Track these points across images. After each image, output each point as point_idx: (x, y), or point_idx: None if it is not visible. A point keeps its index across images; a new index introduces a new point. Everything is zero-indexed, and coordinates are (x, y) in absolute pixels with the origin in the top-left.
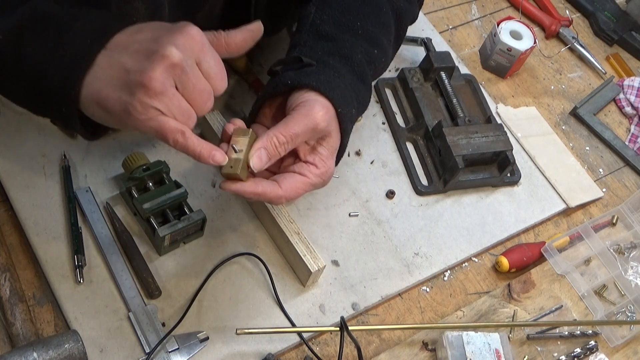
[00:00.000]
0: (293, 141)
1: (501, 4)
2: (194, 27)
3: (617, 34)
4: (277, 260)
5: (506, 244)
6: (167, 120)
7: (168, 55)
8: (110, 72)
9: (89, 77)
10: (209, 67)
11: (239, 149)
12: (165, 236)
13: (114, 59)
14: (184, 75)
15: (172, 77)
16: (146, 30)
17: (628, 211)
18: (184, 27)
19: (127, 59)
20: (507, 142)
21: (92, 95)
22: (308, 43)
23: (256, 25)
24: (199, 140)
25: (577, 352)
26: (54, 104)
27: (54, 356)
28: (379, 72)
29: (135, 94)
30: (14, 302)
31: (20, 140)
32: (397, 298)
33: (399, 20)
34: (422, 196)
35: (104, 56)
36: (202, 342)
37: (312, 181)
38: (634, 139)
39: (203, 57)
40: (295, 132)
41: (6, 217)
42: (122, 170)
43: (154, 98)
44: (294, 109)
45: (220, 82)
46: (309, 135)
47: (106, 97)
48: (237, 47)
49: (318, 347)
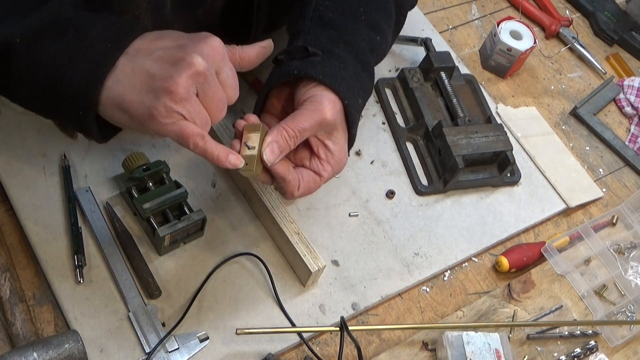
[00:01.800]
0: (302, 135)
1: (501, 4)
2: (216, 38)
3: (617, 34)
4: (277, 260)
5: (506, 244)
6: (188, 125)
7: (194, 63)
8: (134, 77)
9: (110, 80)
10: (226, 77)
11: (251, 146)
12: (165, 236)
13: (137, 64)
14: (206, 84)
15: (195, 84)
16: (167, 38)
17: (628, 211)
18: (207, 38)
19: (152, 65)
20: (507, 142)
21: (113, 98)
22: (312, 31)
23: (267, 42)
24: (217, 144)
25: (577, 352)
26: (70, 107)
27: (54, 356)
28: (379, 58)
29: (160, 99)
30: (14, 302)
31: (20, 140)
32: (397, 298)
33: (399, 6)
34: (422, 196)
35: (125, 60)
36: (202, 342)
37: (326, 178)
38: (634, 139)
39: (222, 67)
40: (304, 126)
41: (6, 217)
42: (122, 170)
43: (178, 103)
44: (302, 104)
45: (234, 92)
46: (317, 128)
47: (130, 100)
48: (249, 62)
49: (318, 347)
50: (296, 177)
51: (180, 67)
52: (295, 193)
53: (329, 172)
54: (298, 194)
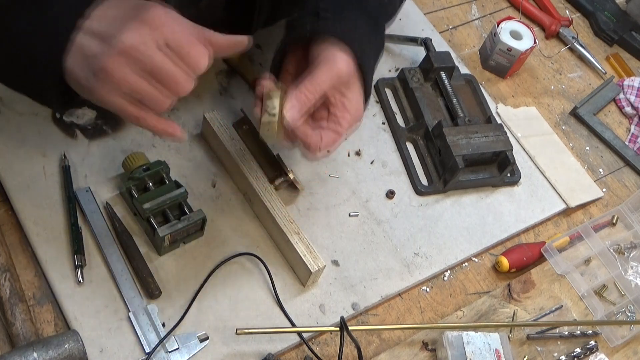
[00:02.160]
0: (320, 92)
1: (501, 4)
2: (158, 7)
3: (617, 34)
4: (277, 260)
5: (506, 244)
6: (125, 104)
7: (123, 41)
8: (78, 53)
9: (68, 54)
10: (179, 47)
11: (272, 112)
12: (165, 236)
13: (83, 40)
14: (145, 59)
15: (129, 62)
16: (115, 8)
17: (628, 211)
18: (149, 9)
19: (91, 43)
20: (507, 142)
21: (67, 70)
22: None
23: (244, 38)
24: (158, 120)
25: (577, 352)
26: (38, 75)
27: (54, 356)
28: (388, 18)
29: (98, 78)
30: (14, 302)
31: (20, 140)
32: (397, 298)
33: None
34: (422, 196)
35: (77, 35)
36: (202, 342)
37: (344, 134)
38: (634, 139)
39: (171, 36)
40: (321, 82)
41: (6, 217)
42: (122, 170)
43: (112, 83)
44: (318, 61)
45: (195, 60)
46: (334, 82)
47: (77, 76)
48: (219, 48)
49: (318, 347)
50: (317, 136)
51: (111, 45)
52: (317, 152)
53: (346, 127)
54: (320, 153)
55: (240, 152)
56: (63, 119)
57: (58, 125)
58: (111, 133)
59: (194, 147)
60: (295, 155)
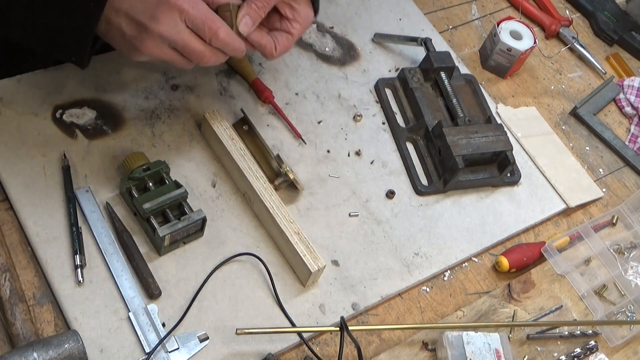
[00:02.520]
0: (269, 6)
1: (501, 4)
2: None
3: (617, 34)
4: (277, 260)
5: (506, 244)
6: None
7: (159, 29)
8: (115, 30)
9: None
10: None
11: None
12: (165, 236)
13: (120, 20)
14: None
15: (164, 43)
16: None
17: (628, 211)
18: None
19: (127, 26)
20: (507, 142)
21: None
22: None
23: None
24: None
25: (577, 352)
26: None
27: (54, 356)
28: None
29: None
30: (14, 302)
31: (20, 140)
32: (397, 298)
33: None
34: (422, 196)
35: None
36: (202, 342)
37: (296, 35)
38: (634, 139)
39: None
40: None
41: (6, 217)
42: (122, 170)
43: (147, 56)
44: None
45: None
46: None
47: (113, 42)
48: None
49: (318, 347)
50: (271, 40)
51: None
52: (274, 53)
53: (298, 29)
54: (277, 54)
55: (240, 152)
56: (63, 119)
57: (58, 125)
58: (111, 133)
59: (194, 147)
60: (296, 155)
